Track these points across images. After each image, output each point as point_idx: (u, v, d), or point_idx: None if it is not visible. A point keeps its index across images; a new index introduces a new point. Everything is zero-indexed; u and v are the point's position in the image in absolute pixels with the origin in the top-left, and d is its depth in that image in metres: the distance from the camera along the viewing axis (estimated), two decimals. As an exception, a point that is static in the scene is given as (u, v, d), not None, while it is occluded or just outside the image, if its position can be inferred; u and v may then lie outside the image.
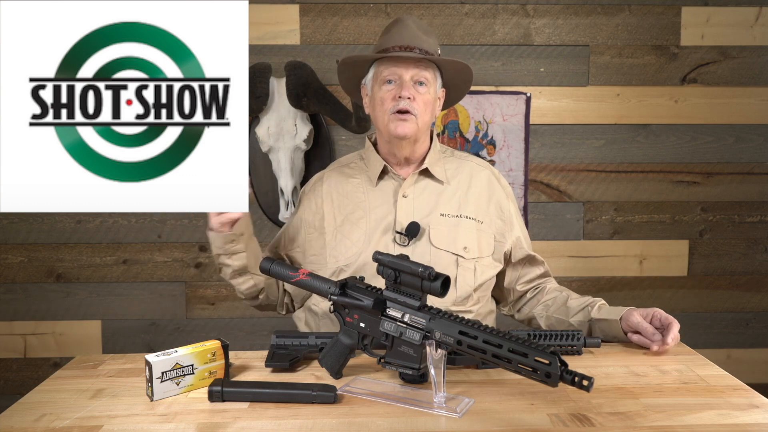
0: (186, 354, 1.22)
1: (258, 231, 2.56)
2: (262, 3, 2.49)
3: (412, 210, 1.57)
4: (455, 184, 1.62)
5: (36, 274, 2.58)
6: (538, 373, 1.02)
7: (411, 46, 1.53)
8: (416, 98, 1.53)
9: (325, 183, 1.67)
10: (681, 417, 1.10)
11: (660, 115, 2.59)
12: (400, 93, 1.52)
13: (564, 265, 2.60)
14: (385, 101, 1.54)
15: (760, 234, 2.66)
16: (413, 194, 1.59)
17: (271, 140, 2.34)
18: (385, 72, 1.54)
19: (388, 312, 1.23)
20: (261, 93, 2.29)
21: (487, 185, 1.65)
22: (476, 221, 1.59)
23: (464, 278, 1.54)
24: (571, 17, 2.55)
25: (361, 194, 1.62)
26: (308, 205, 1.66)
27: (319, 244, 1.61)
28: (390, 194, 1.60)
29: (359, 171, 1.66)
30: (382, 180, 1.62)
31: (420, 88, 1.54)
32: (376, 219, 1.58)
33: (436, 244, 1.54)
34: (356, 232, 1.57)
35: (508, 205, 1.65)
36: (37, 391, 1.26)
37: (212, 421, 1.11)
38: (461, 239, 1.55)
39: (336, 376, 1.28)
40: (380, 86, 1.55)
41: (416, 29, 1.56)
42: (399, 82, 1.53)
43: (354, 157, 1.72)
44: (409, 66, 1.52)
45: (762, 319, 2.68)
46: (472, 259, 1.55)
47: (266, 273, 1.38)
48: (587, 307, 1.54)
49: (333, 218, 1.61)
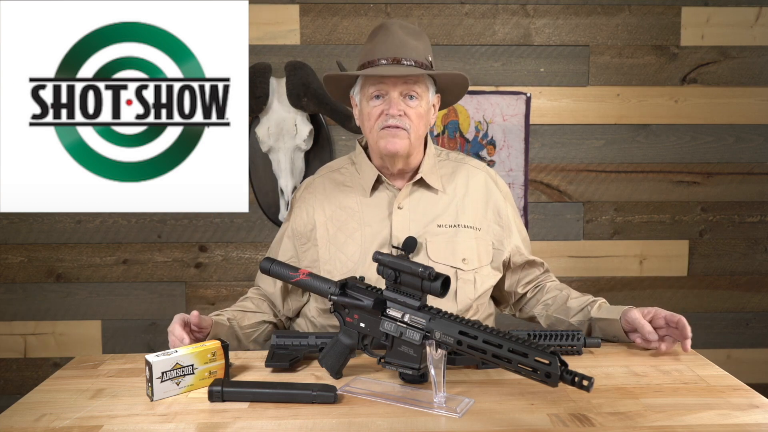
0: (186, 354, 1.22)
1: (258, 231, 2.58)
2: (262, 3, 2.49)
3: (408, 222, 1.52)
4: (451, 192, 1.58)
5: (36, 274, 2.58)
6: (538, 373, 1.02)
7: (398, 57, 1.45)
8: (407, 112, 1.46)
9: (316, 190, 1.61)
10: (681, 417, 1.10)
11: (660, 115, 2.59)
12: (388, 110, 1.45)
13: (564, 265, 2.60)
14: (372, 116, 1.48)
15: (760, 234, 2.66)
16: (409, 205, 1.54)
17: (271, 140, 2.34)
18: (371, 88, 1.47)
19: (388, 312, 1.23)
20: (261, 93, 2.29)
21: (485, 189, 1.60)
22: (474, 229, 1.55)
23: (464, 291, 1.51)
24: (571, 17, 2.55)
25: (355, 204, 1.56)
26: (299, 214, 1.60)
27: (312, 255, 1.56)
28: (384, 206, 1.54)
29: (351, 178, 1.60)
30: (376, 190, 1.56)
31: (410, 101, 1.47)
32: (371, 233, 1.52)
33: (434, 258, 1.49)
34: (351, 245, 1.52)
35: (506, 209, 1.61)
36: (37, 391, 1.26)
37: (212, 421, 1.11)
38: (459, 250, 1.51)
39: (336, 376, 1.28)
40: (367, 101, 1.49)
41: (404, 35, 1.48)
42: (387, 98, 1.46)
43: (344, 161, 1.66)
44: (397, 81, 1.45)
45: (762, 319, 2.68)
46: (471, 270, 1.52)
47: (266, 273, 1.38)
48: (587, 307, 1.52)
49: (326, 229, 1.55)
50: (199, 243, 2.58)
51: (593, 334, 1.50)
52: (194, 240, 2.58)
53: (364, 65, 1.49)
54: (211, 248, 2.59)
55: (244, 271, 2.59)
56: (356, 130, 2.27)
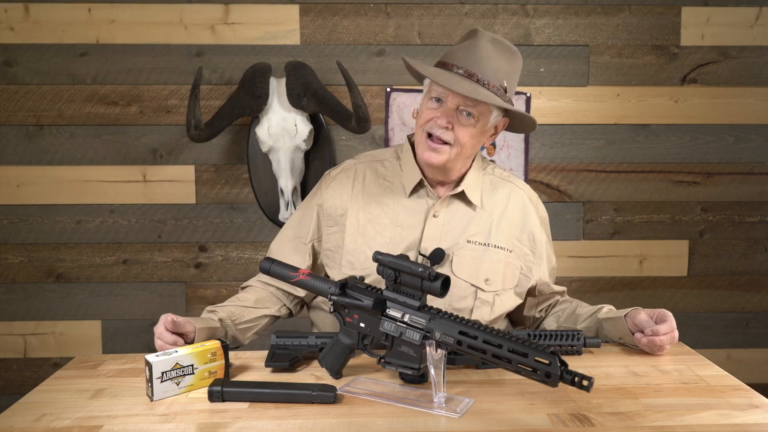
0: (186, 354, 1.22)
1: (258, 231, 2.58)
2: (262, 3, 2.49)
3: (440, 233, 1.50)
4: (489, 209, 1.54)
5: (36, 274, 2.58)
6: (538, 373, 1.02)
7: (471, 72, 1.40)
8: (455, 128, 1.42)
9: (357, 176, 1.58)
10: (681, 417, 1.10)
11: (660, 115, 2.59)
12: (438, 118, 1.42)
13: (564, 265, 2.60)
14: (424, 117, 1.45)
15: (760, 234, 2.66)
16: (444, 216, 1.52)
17: (271, 140, 2.34)
18: (435, 89, 1.43)
19: (388, 312, 1.23)
20: (261, 93, 2.29)
21: (523, 212, 1.57)
22: (505, 251, 1.52)
23: (481, 311, 1.49)
24: (571, 17, 2.55)
25: (391, 201, 1.54)
26: (332, 194, 1.56)
27: (336, 240, 1.54)
28: (421, 211, 1.52)
29: (393, 174, 1.57)
30: (415, 193, 1.53)
31: (465, 118, 1.42)
32: (401, 235, 1.50)
33: (457, 273, 1.48)
34: (378, 241, 1.50)
35: (541, 236, 1.58)
36: (37, 391, 1.26)
37: (212, 421, 1.11)
38: (484, 270, 1.49)
39: (336, 376, 1.28)
40: (427, 100, 1.46)
41: (490, 50, 1.42)
42: (444, 106, 1.43)
43: (389, 153, 1.62)
44: (458, 95, 1.40)
45: (762, 319, 2.68)
46: (491, 292, 1.50)
47: (266, 273, 1.38)
48: (595, 314, 1.52)
49: (356, 218, 1.53)
50: (199, 243, 2.58)
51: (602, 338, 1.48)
52: (194, 240, 2.58)
53: (440, 64, 1.47)
54: (211, 248, 2.59)
55: (244, 271, 2.59)
56: (356, 130, 2.27)
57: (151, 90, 2.52)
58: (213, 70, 2.51)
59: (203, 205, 2.57)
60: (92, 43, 2.49)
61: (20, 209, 2.54)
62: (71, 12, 2.47)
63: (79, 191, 2.54)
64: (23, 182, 2.53)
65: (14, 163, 2.52)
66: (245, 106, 2.31)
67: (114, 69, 2.50)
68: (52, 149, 2.53)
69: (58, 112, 2.51)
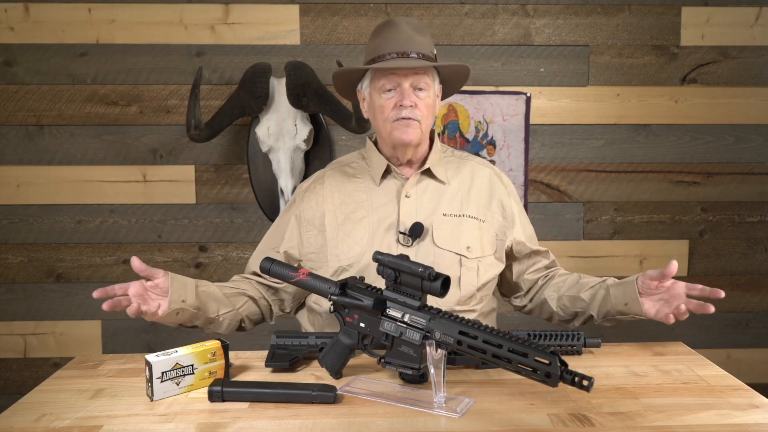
0: (186, 354, 1.22)
1: (258, 231, 2.58)
2: (262, 3, 2.49)
3: (415, 210, 1.57)
4: (456, 184, 1.62)
5: (36, 274, 2.58)
6: (538, 373, 1.02)
7: (406, 51, 1.51)
8: (417, 104, 1.52)
9: (326, 182, 1.66)
10: (681, 417, 1.10)
11: (660, 115, 2.59)
12: (401, 101, 1.51)
13: (564, 265, 2.55)
14: (386, 109, 1.53)
15: (760, 234, 2.66)
16: (416, 194, 1.59)
17: (271, 140, 2.34)
18: (383, 80, 1.52)
19: (388, 312, 1.23)
20: (261, 93, 2.29)
21: (489, 184, 1.65)
22: (478, 220, 1.59)
23: (468, 278, 1.53)
24: (571, 17, 2.55)
25: (363, 193, 1.61)
26: (308, 204, 1.64)
27: (318, 242, 1.59)
28: (393, 194, 1.60)
29: (361, 171, 1.65)
30: (384, 179, 1.62)
31: (420, 93, 1.53)
32: (378, 218, 1.57)
33: (440, 244, 1.53)
34: (359, 231, 1.56)
35: (509, 203, 1.65)
36: (37, 391, 1.26)
37: (212, 421, 1.11)
38: (464, 239, 1.55)
39: (336, 376, 1.28)
40: (379, 94, 1.54)
41: (410, 31, 1.54)
42: (398, 90, 1.52)
43: (355, 156, 1.72)
44: (408, 73, 1.51)
45: (762, 319, 2.68)
46: (475, 258, 1.55)
47: (266, 273, 1.38)
48: (601, 283, 1.54)
49: (334, 217, 1.60)
50: (199, 243, 2.58)
51: (606, 308, 1.49)
52: (194, 240, 2.58)
53: (374, 59, 1.54)
54: (211, 248, 2.59)
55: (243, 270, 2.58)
56: (356, 130, 2.27)
57: (151, 90, 2.52)
58: (213, 70, 2.51)
59: (203, 205, 2.57)
60: (92, 43, 2.49)
61: (20, 209, 2.54)
62: (71, 12, 2.47)
63: (79, 191, 2.54)
64: (23, 182, 2.53)
65: (14, 163, 2.52)
66: (245, 106, 2.31)
67: (114, 69, 2.50)
68: (52, 149, 2.53)
69: (58, 112, 2.52)
